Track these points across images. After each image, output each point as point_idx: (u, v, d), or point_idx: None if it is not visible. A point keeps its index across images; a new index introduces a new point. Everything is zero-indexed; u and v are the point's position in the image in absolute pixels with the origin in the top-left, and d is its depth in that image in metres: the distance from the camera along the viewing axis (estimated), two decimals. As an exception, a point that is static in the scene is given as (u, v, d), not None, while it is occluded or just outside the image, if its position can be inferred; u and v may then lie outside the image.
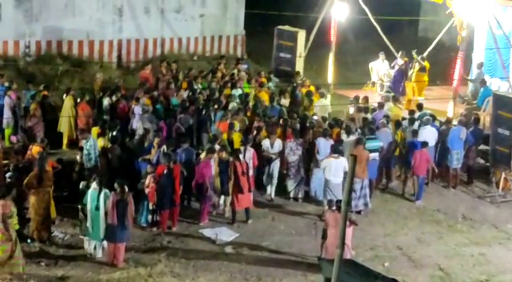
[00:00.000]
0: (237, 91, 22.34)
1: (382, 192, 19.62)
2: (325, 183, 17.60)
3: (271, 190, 18.80)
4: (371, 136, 18.85)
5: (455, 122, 20.78)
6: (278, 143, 18.58)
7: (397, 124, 20.01)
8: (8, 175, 16.66)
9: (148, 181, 16.50)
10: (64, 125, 21.04)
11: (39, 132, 20.20)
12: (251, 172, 17.65)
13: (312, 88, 23.29)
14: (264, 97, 22.38)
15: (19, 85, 21.97)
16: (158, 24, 28.74)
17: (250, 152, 17.86)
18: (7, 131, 20.42)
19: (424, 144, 18.96)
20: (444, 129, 20.25)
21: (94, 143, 17.82)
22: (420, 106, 21.71)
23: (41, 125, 20.41)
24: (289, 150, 18.54)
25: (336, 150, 17.66)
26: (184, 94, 21.86)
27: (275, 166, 18.57)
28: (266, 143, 18.63)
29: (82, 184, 15.65)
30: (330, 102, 22.96)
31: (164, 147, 17.38)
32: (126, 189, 14.95)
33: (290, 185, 18.78)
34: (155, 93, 21.63)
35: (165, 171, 16.34)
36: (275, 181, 18.71)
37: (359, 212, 18.00)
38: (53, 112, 21.16)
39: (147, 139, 18.20)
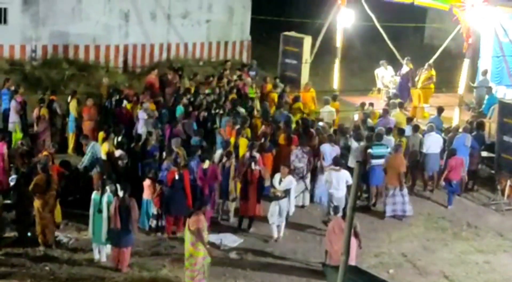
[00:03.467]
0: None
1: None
2: (329, 196, 17.50)
3: (278, 230, 16.85)
4: (378, 143, 18.85)
5: (461, 129, 20.78)
6: (288, 180, 16.70)
7: (401, 131, 20.00)
8: (10, 178, 16.71)
9: (150, 184, 16.51)
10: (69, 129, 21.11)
11: (47, 137, 20.26)
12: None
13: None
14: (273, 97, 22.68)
15: (25, 89, 22.06)
16: (164, 29, 28.82)
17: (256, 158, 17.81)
18: (15, 136, 20.45)
19: (455, 151, 19.18)
20: (450, 137, 20.26)
21: (92, 149, 17.91)
22: (440, 111, 21.76)
23: (48, 130, 20.45)
24: (294, 156, 18.44)
25: (338, 162, 17.58)
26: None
27: (283, 204, 16.70)
28: (275, 179, 16.79)
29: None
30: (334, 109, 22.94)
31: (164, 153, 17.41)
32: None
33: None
34: (161, 98, 21.64)
35: (176, 176, 16.34)
36: (283, 219, 16.76)
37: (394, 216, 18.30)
38: (60, 117, 21.23)
39: (150, 143, 18.23)
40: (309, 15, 28.91)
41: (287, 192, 16.63)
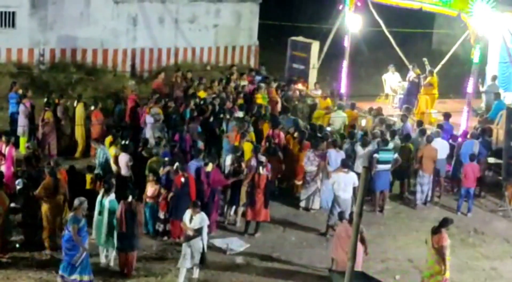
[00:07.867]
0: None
1: (393, 204, 19.58)
2: (334, 198, 17.48)
3: (191, 273, 15.02)
4: (385, 148, 18.84)
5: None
6: (199, 217, 14.65)
7: (407, 136, 19.98)
8: (17, 182, 16.75)
9: (155, 189, 16.50)
10: (77, 134, 21.15)
11: (53, 140, 20.32)
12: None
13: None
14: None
15: (33, 93, 22.12)
16: (172, 34, 28.88)
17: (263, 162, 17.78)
18: (22, 140, 20.50)
19: (472, 157, 19.09)
20: (458, 143, 20.22)
21: (102, 152, 17.98)
22: (447, 116, 21.74)
23: (53, 133, 20.50)
24: (307, 159, 18.50)
25: (346, 164, 17.60)
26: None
27: (194, 244, 14.63)
28: (185, 216, 14.86)
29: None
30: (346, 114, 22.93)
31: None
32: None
33: (303, 194, 18.78)
34: (172, 103, 21.66)
35: (182, 180, 16.33)
36: (196, 261, 14.73)
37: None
38: (66, 121, 21.29)
39: (161, 147, 18.25)
40: (317, 20, 28.93)
41: (199, 231, 14.64)
